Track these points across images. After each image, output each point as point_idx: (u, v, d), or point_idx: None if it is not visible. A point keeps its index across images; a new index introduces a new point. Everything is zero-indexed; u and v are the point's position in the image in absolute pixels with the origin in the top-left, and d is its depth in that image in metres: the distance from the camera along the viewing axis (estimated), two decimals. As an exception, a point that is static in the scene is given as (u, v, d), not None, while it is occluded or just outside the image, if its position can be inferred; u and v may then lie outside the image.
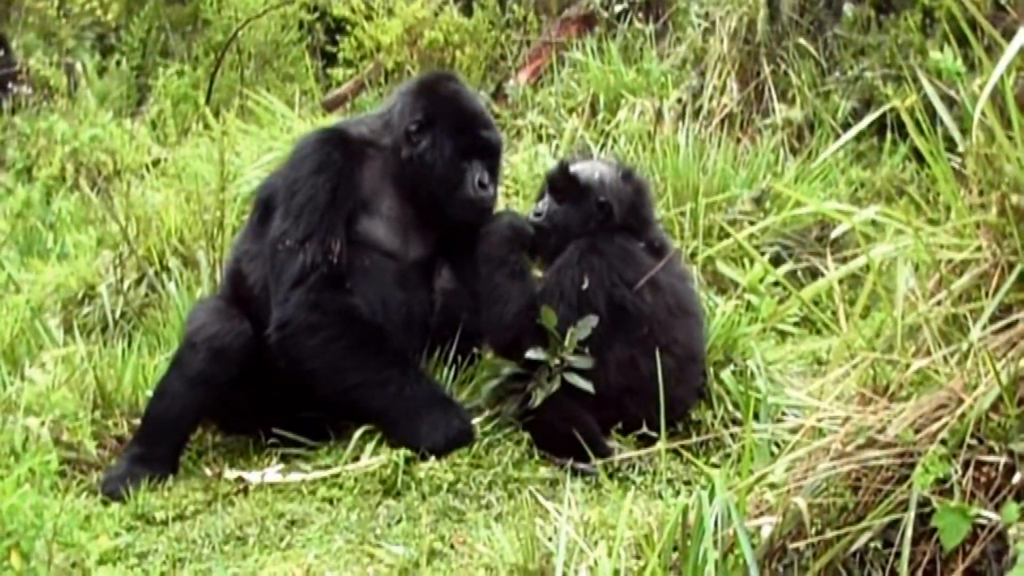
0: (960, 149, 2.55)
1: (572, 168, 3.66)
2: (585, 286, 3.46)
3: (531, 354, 3.42)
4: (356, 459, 3.43)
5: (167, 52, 8.21)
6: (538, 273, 3.66)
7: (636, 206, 3.64)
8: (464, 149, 3.62)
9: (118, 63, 7.97)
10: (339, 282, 3.51)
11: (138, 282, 4.76)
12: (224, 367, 3.56)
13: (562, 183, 3.65)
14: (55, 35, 8.11)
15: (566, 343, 3.39)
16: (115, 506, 3.37)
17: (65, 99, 7.28)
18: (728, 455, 3.29)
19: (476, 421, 3.48)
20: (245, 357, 3.56)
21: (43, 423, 3.47)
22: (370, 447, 3.43)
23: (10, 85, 7.77)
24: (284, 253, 3.52)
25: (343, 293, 3.51)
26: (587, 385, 3.40)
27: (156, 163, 6.11)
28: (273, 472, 3.48)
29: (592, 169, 3.67)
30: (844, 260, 2.79)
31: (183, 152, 5.93)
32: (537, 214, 3.68)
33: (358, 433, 3.46)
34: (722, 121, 5.87)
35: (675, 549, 2.46)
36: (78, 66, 7.81)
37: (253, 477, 3.46)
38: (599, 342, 3.45)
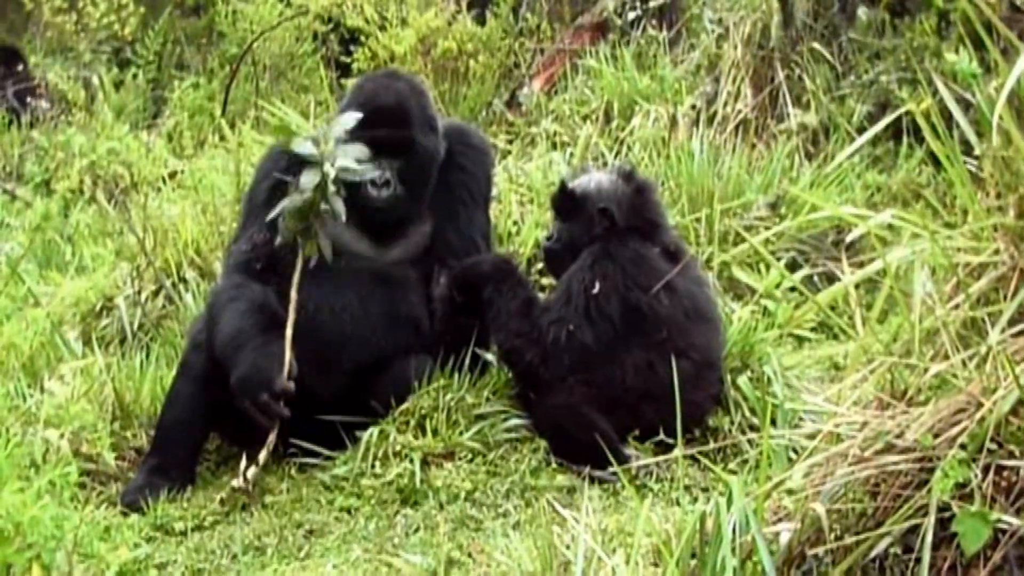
0: (977, 152, 2.54)
1: (570, 184, 3.70)
2: (595, 290, 3.47)
3: (299, 148, 3.39)
4: (373, 467, 3.43)
5: (183, 65, 8.24)
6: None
7: (638, 207, 3.64)
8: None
9: (134, 76, 8.01)
10: (251, 270, 3.63)
11: (155, 294, 4.77)
12: None
13: (562, 201, 3.70)
14: (72, 49, 8.15)
15: (327, 140, 3.36)
16: (134, 517, 3.39)
17: (82, 113, 7.30)
18: (746, 461, 3.29)
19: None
20: None
21: (62, 435, 3.47)
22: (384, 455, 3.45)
23: (28, 99, 7.82)
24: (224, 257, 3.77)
25: (249, 278, 3.62)
26: (358, 175, 3.38)
27: (172, 175, 6.12)
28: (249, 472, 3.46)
29: (589, 180, 3.70)
30: (860, 264, 2.78)
31: (199, 164, 5.95)
32: (548, 238, 3.75)
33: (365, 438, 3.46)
34: (736, 127, 5.86)
35: (693, 556, 2.45)
36: (95, 80, 7.85)
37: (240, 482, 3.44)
38: (616, 346, 3.45)
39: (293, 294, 3.48)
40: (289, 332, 3.45)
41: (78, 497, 3.21)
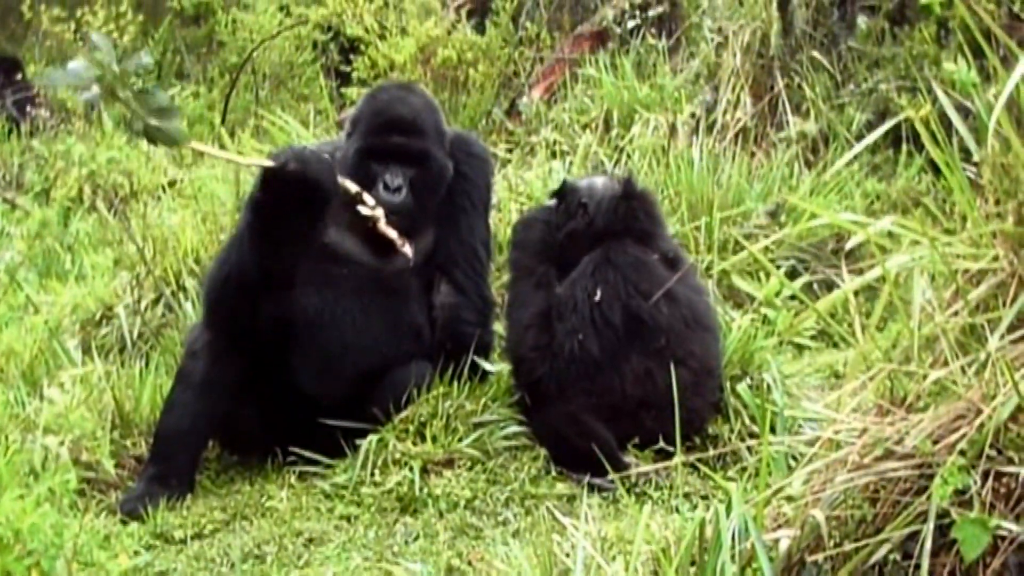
0: (976, 159, 2.54)
1: (570, 179, 3.88)
2: (598, 298, 3.49)
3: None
4: (372, 475, 3.43)
5: (182, 74, 8.26)
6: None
7: (622, 211, 3.67)
8: (370, 151, 3.64)
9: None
10: None
11: (155, 302, 4.77)
12: (228, 370, 3.58)
13: (556, 192, 3.83)
14: (72, 58, 8.16)
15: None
16: (134, 525, 3.38)
17: (82, 121, 7.31)
18: (745, 468, 3.28)
19: None
20: (247, 359, 3.59)
21: (62, 443, 3.47)
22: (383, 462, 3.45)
23: (28, 108, 7.82)
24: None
25: None
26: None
27: (172, 184, 6.13)
28: None
29: (588, 179, 3.87)
30: (860, 272, 2.78)
31: (199, 173, 5.95)
32: None
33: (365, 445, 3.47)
34: (736, 135, 5.87)
35: (693, 563, 2.45)
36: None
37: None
38: (615, 354, 3.46)
39: None
40: None
41: (77, 505, 3.22)
